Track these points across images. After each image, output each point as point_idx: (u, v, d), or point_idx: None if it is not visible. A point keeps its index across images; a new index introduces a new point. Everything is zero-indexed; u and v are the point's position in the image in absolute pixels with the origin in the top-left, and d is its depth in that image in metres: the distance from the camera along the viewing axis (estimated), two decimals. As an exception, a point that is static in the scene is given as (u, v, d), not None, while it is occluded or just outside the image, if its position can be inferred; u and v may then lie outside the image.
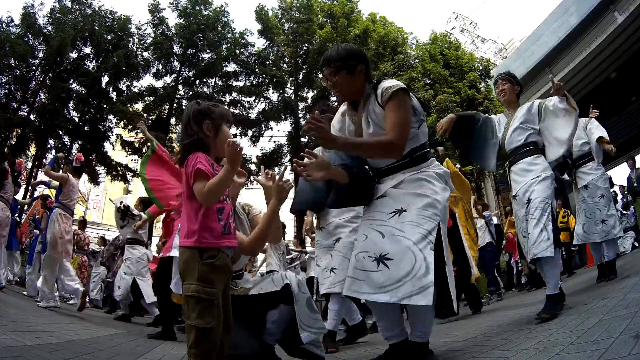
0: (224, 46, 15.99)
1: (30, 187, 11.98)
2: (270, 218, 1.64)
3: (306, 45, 16.12)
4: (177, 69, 15.84)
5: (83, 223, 7.43)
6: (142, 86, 15.54)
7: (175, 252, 3.73)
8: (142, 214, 4.78)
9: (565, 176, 3.71)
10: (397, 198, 1.61)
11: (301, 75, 16.32)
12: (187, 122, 1.43)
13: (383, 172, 1.71)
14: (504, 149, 2.66)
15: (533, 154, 2.49)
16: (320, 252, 2.68)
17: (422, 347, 1.63)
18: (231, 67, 16.29)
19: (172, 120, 15.71)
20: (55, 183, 4.47)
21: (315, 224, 2.73)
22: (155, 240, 9.98)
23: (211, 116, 1.43)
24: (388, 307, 1.61)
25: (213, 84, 16.15)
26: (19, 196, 6.51)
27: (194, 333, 1.23)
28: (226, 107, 1.59)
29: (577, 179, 3.56)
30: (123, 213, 4.81)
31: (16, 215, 5.74)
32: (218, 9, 15.89)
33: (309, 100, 16.44)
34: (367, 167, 1.77)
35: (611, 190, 4.42)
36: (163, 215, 4.49)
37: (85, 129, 14.69)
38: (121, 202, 4.96)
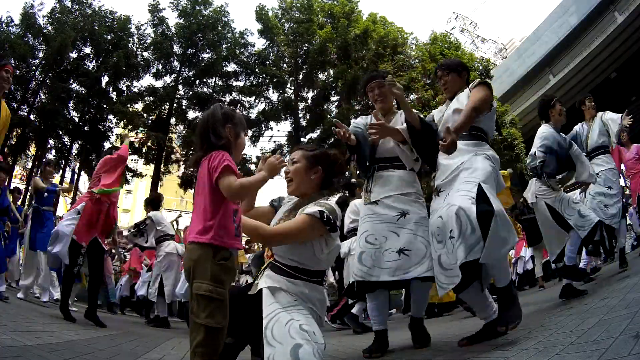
0: (224, 46, 15.99)
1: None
2: (257, 186, 1.46)
3: (306, 45, 16.12)
4: (177, 69, 15.84)
5: None
6: (142, 86, 15.57)
7: None
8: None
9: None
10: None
11: (301, 75, 16.31)
12: (216, 123, 1.41)
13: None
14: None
15: None
16: (373, 227, 2.20)
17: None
18: (231, 67, 16.31)
19: (172, 120, 15.72)
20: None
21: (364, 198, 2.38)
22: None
23: (233, 121, 1.44)
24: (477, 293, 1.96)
25: (213, 84, 16.15)
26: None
27: (202, 332, 1.21)
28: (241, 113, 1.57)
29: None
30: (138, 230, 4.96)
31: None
32: (218, 9, 15.89)
33: (309, 101, 16.45)
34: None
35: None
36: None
37: (85, 129, 14.70)
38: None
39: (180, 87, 15.83)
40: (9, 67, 2.98)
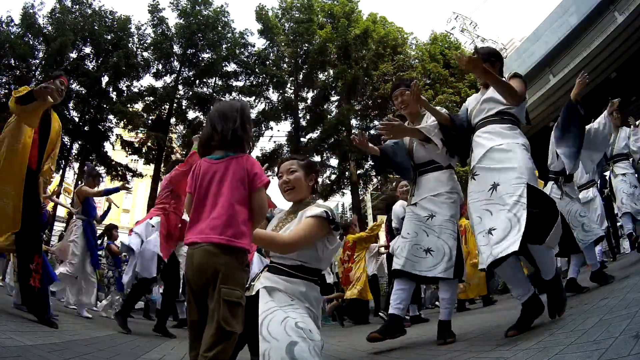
0: (224, 46, 15.98)
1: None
2: None
3: (306, 45, 16.12)
4: (177, 69, 15.84)
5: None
6: (142, 86, 15.56)
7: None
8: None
9: None
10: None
11: (301, 75, 16.31)
12: (246, 120, 1.41)
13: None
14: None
15: None
16: (409, 224, 2.44)
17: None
18: (231, 67, 16.31)
19: (172, 120, 15.71)
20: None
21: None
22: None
23: (250, 122, 1.46)
24: (513, 269, 2.03)
25: (213, 84, 16.15)
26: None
27: (231, 339, 1.19)
28: None
29: (614, 169, 4.40)
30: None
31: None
32: (218, 9, 15.89)
33: (309, 101, 16.45)
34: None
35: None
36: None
37: (85, 129, 14.69)
38: None
39: (180, 87, 15.82)
40: (63, 78, 2.93)
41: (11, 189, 2.52)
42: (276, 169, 1.95)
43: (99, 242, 5.43)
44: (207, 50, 15.95)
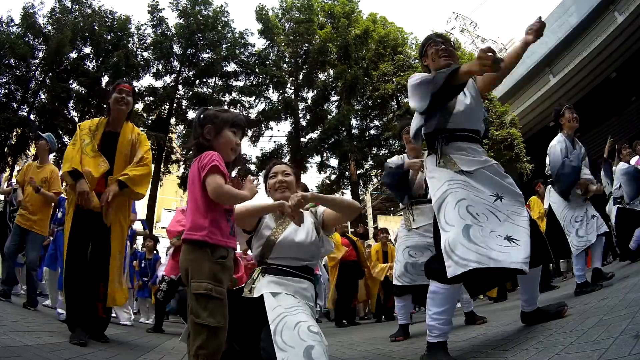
0: (224, 46, 15.97)
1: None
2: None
3: (306, 45, 16.12)
4: (177, 69, 15.83)
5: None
6: (142, 86, 15.52)
7: None
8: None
9: None
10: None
11: (301, 75, 16.31)
12: (193, 126, 1.52)
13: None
14: None
15: None
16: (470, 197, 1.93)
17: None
18: (231, 67, 16.29)
19: (172, 120, 15.70)
20: None
21: None
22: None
23: (213, 120, 1.47)
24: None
25: (213, 84, 16.14)
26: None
27: (205, 332, 1.21)
28: (238, 113, 1.61)
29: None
30: None
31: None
32: (218, 9, 15.88)
33: (309, 101, 16.44)
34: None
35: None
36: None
37: (85, 129, 14.66)
38: None
39: (180, 87, 15.81)
40: (124, 86, 2.67)
41: None
42: (265, 170, 1.99)
43: None
44: (207, 50, 15.95)
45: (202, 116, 1.50)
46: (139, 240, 7.78)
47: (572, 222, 3.12)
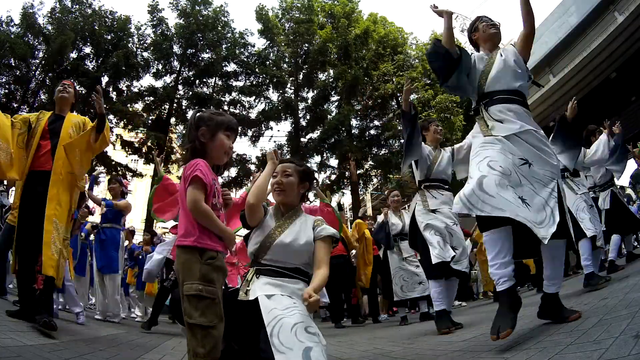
0: (223, 46, 15.96)
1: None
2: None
3: (306, 45, 16.12)
4: (177, 69, 15.82)
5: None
6: (142, 86, 15.52)
7: None
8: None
9: None
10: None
11: (301, 75, 16.30)
12: (188, 128, 1.52)
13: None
14: None
15: None
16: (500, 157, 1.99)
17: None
18: (231, 67, 16.27)
19: (172, 120, 15.70)
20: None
21: None
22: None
23: (207, 123, 1.49)
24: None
25: (213, 84, 16.14)
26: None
27: (199, 333, 1.23)
28: (231, 117, 1.60)
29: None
30: None
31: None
32: (218, 9, 15.87)
33: (309, 101, 16.44)
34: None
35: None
36: None
37: (85, 128, 14.67)
38: None
39: (180, 87, 15.81)
40: (66, 81, 3.12)
41: None
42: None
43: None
44: (207, 50, 15.93)
45: (196, 119, 1.51)
46: (138, 239, 7.85)
47: (584, 211, 3.33)
